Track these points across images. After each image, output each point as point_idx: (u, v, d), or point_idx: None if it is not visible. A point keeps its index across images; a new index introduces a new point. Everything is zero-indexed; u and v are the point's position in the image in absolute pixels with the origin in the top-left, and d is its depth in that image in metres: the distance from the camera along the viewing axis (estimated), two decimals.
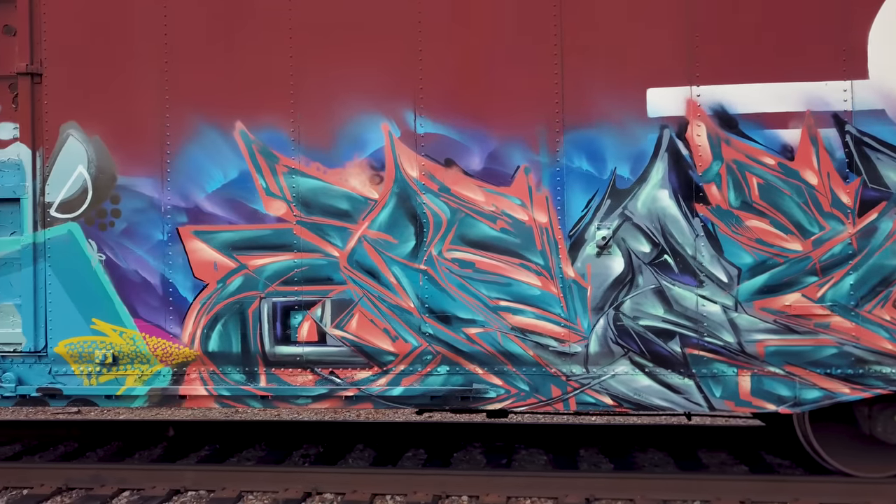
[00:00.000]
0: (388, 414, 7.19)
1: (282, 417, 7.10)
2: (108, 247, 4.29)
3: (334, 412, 7.28)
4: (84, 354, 4.30)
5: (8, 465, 4.89)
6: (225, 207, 4.21)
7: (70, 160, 4.31)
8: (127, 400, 4.33)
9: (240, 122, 4.20)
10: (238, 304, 4.20)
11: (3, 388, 4.36)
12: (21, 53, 4.35)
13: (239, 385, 4.23)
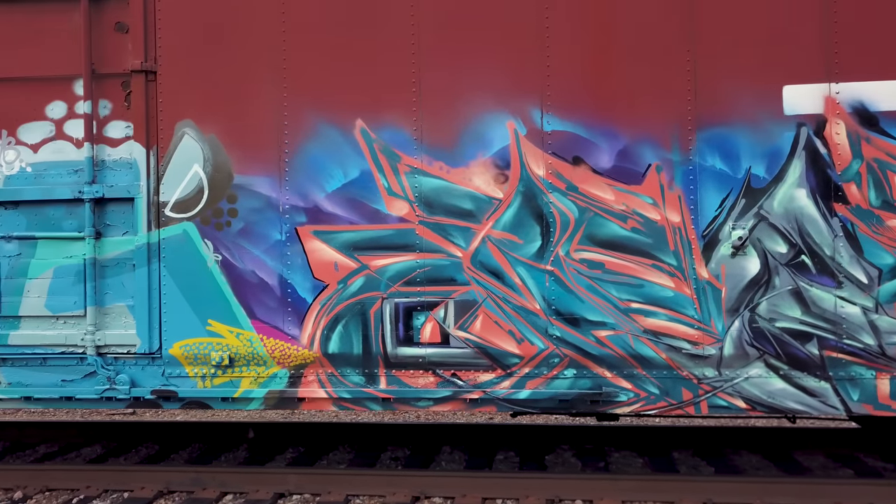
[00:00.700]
0: (462, 416, 7.12)
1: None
2: (225, 247, 4.22)
3: (393, 414, 7.23)
4: (199, 356, 4.24)
5: (107, 468, 4.83)
6: (345, 207, 4.14)
7: (185, 159, 4.25)
8: (243, 402, 4.26)
9: (360, 120, 4.13)
10: (359, 304, 4.13)
11: (117, 391, 4.30)
12: (135, 51, 4.29)
13: (359, 387, 4.16)
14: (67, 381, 4.37)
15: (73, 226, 4.36)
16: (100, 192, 4.28)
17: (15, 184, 4.39)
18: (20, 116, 4.41)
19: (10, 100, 4.41)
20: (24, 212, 4.39)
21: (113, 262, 4.33)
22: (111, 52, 4.36)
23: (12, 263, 4.39)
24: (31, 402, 4.39)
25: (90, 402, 4.35)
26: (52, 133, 4.39)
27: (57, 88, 4.39)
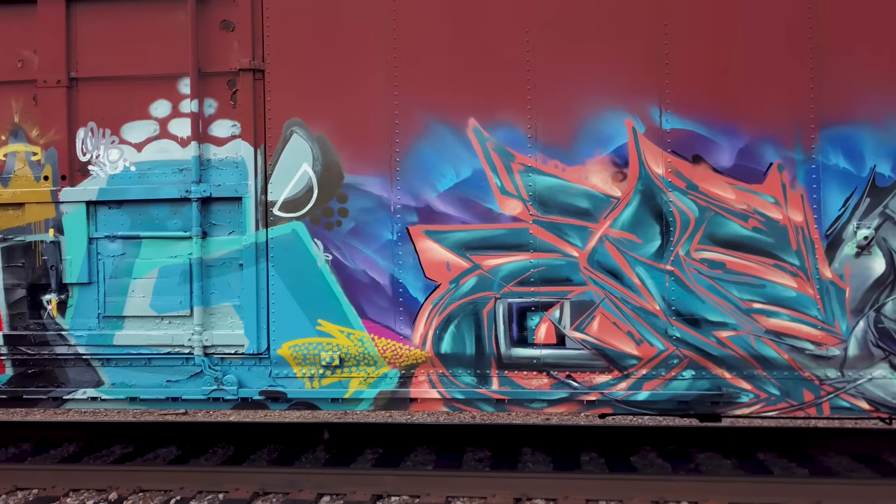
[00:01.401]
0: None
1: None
2: (335, 246, 4.19)
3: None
4: (309, 356, 4.20)
5: (200, 469, 4.81)
6: (458, 206, 4.10)
7: (294, 158, 4.21)
8: (352, 403, 4.22)
9: (473, 119, 4.09)
10: (472, 304, 4.09)
11: (225, 391, 4.26)
12: (242, 49, 4.26)
13: (472, 388, 4.12)
14: (172, 382, 4.34)
15: (177, 225, 4.33)
16: (207, 191, 4.25)
17: (119, 183, 4.37)
18: (124, 115, 4.38)
19: (113, 99, 4.38)
20: (127, 211, 4.37)
21: (218, 262, 4.30)
22: (216, 50, 4.32)
23: (116, 263, 4.36)
24: (135, 403, 4.36)
25: (196, 402, 4.32)
26: (156, 132, 4.37)
27: (161, 87, 4.36)
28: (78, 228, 4.36)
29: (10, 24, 4.45)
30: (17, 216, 4.44)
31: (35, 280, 4.41)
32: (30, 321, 4.43)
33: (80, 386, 4.40)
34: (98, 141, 4.40)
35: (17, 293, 4.44)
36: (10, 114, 4.47)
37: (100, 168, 4.39)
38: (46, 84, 4.39)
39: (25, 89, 4.45)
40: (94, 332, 4.36)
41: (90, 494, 4.62)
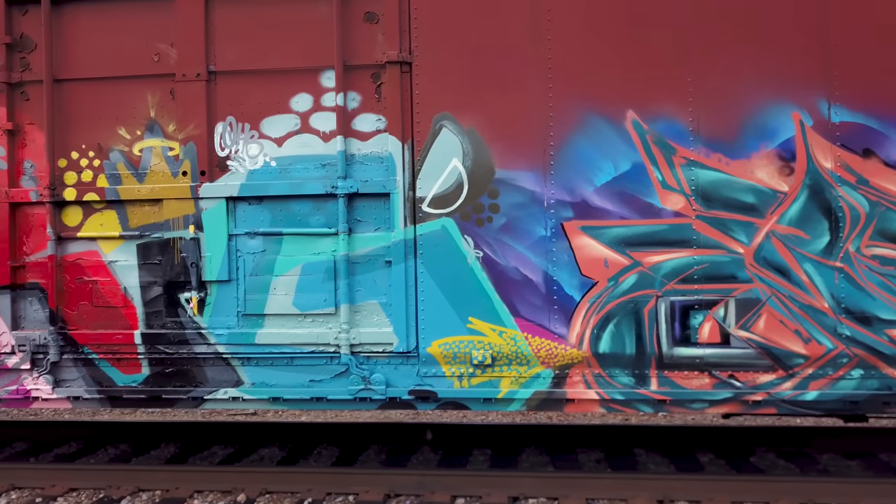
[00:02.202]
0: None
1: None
2: (486, 243, 4.09)
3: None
4: (459, 355, 4.11)
5: (328, 471, 4.73)
6: (616, 201, 4.00)
7: (443, 153, 4.12)
8: (504, 403, 4.13)
9: (631, 111, 3.99)
10: (632, 303, 3.98)
11: (373, 391, 4.17)
12: (389, 42, 4.16)
13: (630, 388, 4.01)
14: (316, 381, 4.25)
15: (320, 221, 4.24)
16: (354, 187, 4.16)
17: (259, 178, 4.28)
18: (264, 110, 4.30)
19: (252, 92, 4.30)
20: (268, 207, 4.28)
21: (364, 259, 4.20)
22: (360, 43, 4.23)
23: (257, 260, 4.27)
24: (278, 403, 4.27)
25: (342, 402, 4.23)
26: (297, 126, 4.27)
27: (302, 81, 4.27)
28: (218, 225, 4.28)
29: (146, 18, 4.37)
30: (153, 212, 4.37)
31: (173, 277, 4.33)
32: (166, 319, 4.34)
33: (218, 385, 4.32)
34: (237, 135, 4.31)
35: (153, 291, 4.36)
36: (146, 108, 4.39)
37: (239, 163, 4.31)
38: (185, 78, 4.30)
39: (162, 83, 4.37)
40: (234, 331, 4.27)
41: (216, 496, 4.56)
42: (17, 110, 4.48)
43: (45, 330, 4.41)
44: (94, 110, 4.42)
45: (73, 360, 4.42)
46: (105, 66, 4.41)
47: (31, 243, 4.47)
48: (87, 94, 4.43)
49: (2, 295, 4.43)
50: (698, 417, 6.72)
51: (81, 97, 4.43)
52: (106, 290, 4.39)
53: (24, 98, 4.48)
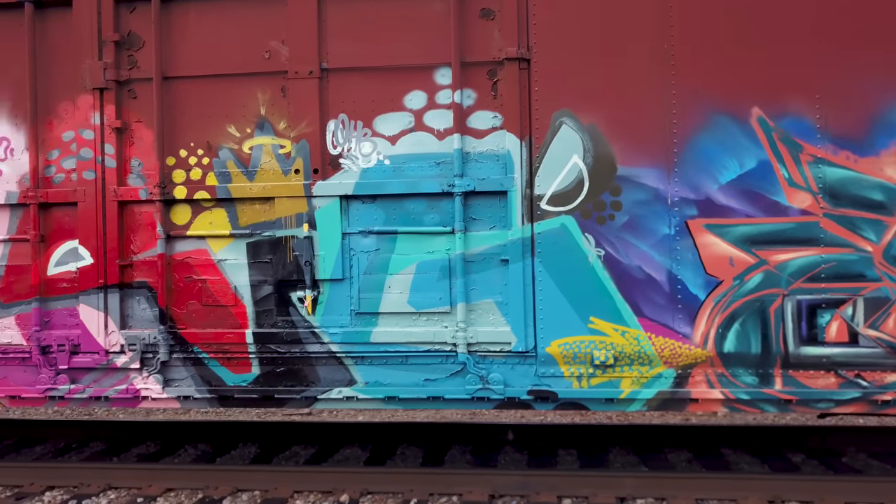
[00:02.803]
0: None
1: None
2: (608, 241, 4.05)
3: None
4: (580, 355, 4.07)
5: (428, 471, 4.70)
6: (741, 199, 3.95)
7: (563, 150, 4.08)
8: (625, 404, 4.09)
9: (757, 108, 3.94)
10: (758, 302, 3.94)
11: (491, 391, 4.14)
12: (505, 38, 4.12)
13: (755, 388, 3.97)
14: (431, 381, 4.21)
15: (434, 220, 4.21)
16: (471, 185, 4.12)
17: (373, 177, 4.25)
18: (376, 107, 4.26)
19: (365, 90, 4.26)
20: (381, 205, 4.25)
21: (479, 258, 4.17)
22: (475, 39, 4.19)
23: (371, 259, 4.24)
24: (393, 403, 4.24)
25: (459, 402, 4.19)
26: (410, 124, 4.24)
27: (416, 78, 4.23)
28: (331, 223, 4.25)
29: (257, 15, 4.34)
30: (264, 211, 4.34)
31: (285, 276, 4.30)
32: (277, 318, 4.32)
33: (331, 385, 4.29)
34: (349, 133, 4.28)
35: (263, 290, 4.33)
36: (256, 106, 4.36)
37: (352, 161, 4.27)
38: (298, 75, 4.27)
39: (273, 81, 4.34)
40: (347, 330, 4.24)
41: (317, 496, 4.54)
42: (125, 108, 4.45)
43: (155, 329, 4.38)
44: (203, 108, 4.40)
45: (181, 360, 4.39)
46: (214, 64, 4.38)
47: (138, 242, 4.45)
48: (195, 92, 4.40)
49: (111, 294, 4.40)
50: (776, 417, 6.68)
51: (190, 95, 4.40)
52: (216, 289, 4.36)
53: (131, 96, 4.45)
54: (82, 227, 4.43)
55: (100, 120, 4.42)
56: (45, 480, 4.84)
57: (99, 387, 4.45)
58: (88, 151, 4.44)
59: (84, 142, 4.44)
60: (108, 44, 4.41)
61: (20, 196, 4.47)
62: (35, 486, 4.81)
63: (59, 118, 4.51)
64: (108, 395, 4.44)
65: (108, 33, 4.41)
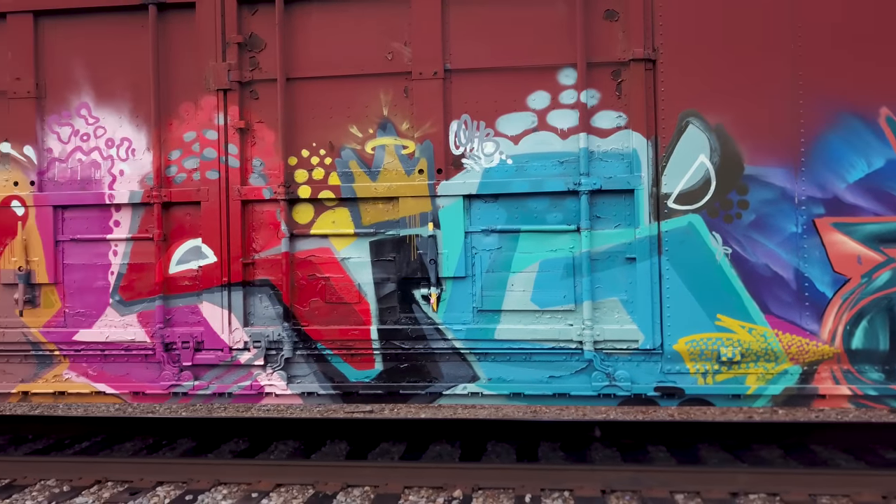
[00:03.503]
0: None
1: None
2: (735, 239, 4.10)
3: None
4: (706, 352, 4.12)
5: (546, 467, 4.75)
6: (869, 198, 4.00)
7: (690, 149, 4.13)
8: (751, 399, 4.14)
9: (885, 108, 3.99)
10: (886, 299, 3.99)
11: (618, 387, 4.19)
12: (632, 39, 4.18)
13: (882, 384, 4.02)
14: (555, 378, 4.28)
15: (557, 218, 4.27)
16: (597, 183, 4.18)
17: (495, 176, 4.31)
18: (499, 108, 4.32)
19: (488, 90, 4.33)
20: (503, 204, 4.31)
21: (603, 256, 4.23)
22: (600, 40, 4.25)
23: (493, 257, 4.30)
24: (518, 399, 4.31)
25: (585, 399, 4.25)
26: (533, 124, 4.30)
27: (539, 78, 4.29)
28: (455, 222, 4.31)
29: (379, 17, 4.40)
30: (387, 210, 4.40)
31: (408, 274, 4.36)
32: (400, 315, 4.38)
33: (454, 381, 4.35)
34: (472, 133, 4.34)
35: (386, 287, 4.40)
36: (378, 107, 4.42)
37: (474, 161, 4.33)
38: (422, 76, 4.33)
39: (395, 82, 4.40)
40: (471, 327, 4.30)
41: (429, 492, 4.59)
42: (246, 109, 4.52)
43: (278, 326, 4.45)
44: (325, 109, 4.46)
45: (304, 356, 4.46)
46: (336, 65, 4.45)
47: (259, 240, 4.52)
48: (317, 93, 4.47)
49: (234, 291, 4.48)
50: (869, 414, 6.72)
51: (311, 96, 4.47)
52: (339, 287, 4.43)
53: (252, 97, 4.52)
54: (206, 225, 4.50)
55: (223, 120, 4.49)
56: (154, 476, 4.92)
57: (221, 383, 4.53)
58: (212, 151, 4.51)
59: (207, 142, 4.52)
60: (232, 45, 4.48)
61: (143, 195, 4.54)
62: (145, 481, 4.90)
63: (179, 119, 4.58)
64: (232, 391, 4.51)
65: (231, 35, 4.48)
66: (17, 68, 4.65)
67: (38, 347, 4.65)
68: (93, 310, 4.63)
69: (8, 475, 5.06)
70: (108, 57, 4.63)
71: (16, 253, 4.63)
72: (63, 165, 4.67)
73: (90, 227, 4.63)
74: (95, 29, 4.63)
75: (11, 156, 4.68)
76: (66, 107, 4.67)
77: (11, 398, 4.71)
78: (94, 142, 4.65)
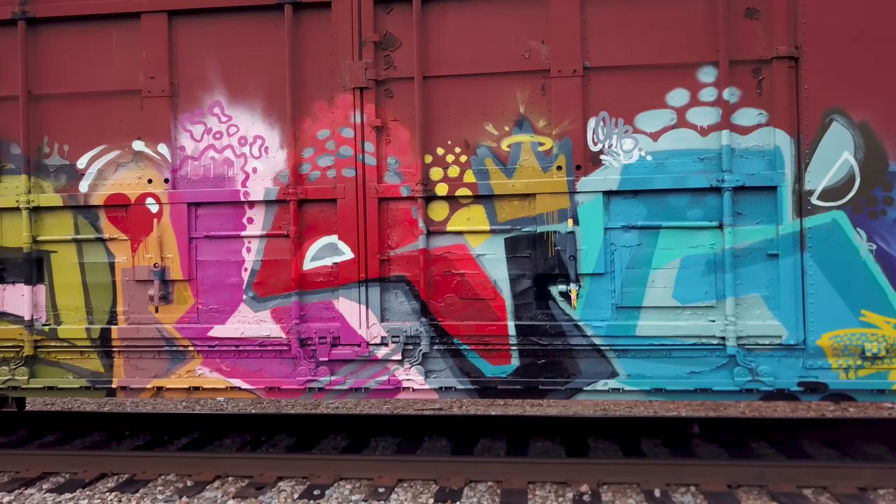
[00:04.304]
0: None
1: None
2: (879, 235, 4.12)
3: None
4: (850, 347, 4.15)
5: (664, 462, 4.79)
6: None
7: (834, 146, 4.16)
8: (893, 395, 4.17)
9: None
10: None
11: (761, 383, 4.22)
12: (775, 37, 4.20)
13: None
14: (696, 373, 4.31)
15: (697, 215, 4.30)
16: (740, 180, 4.21)
17: (634, 173, 4.34)
18: (637, 104, 4.36)
19: (626, 88, 4.36)
20: (643, 201, 4.34)
21: (744, 252, 4.25)
22: (740, 38, 4.28)
23: (633, 253, 4.34)
24: (659, 395, 4.34)
25: (727, 394, 4.29)
26: (672, 121, 4.33)
27: (678, 76, 4.33)
28: (594, 219, 4.35)
29: (516, 16, 4.44)
30: (523, 207, 4.44)
31: (545, 270, 4.40)
32: (536, 311, 4.42)
33: (592, 377, 4.39)
34: (610, 130, 4.38)
35: (522, 283, 4.44)
36: (514, 104, 4.46)
37: (612, 158, 4.37)
38: (561, 74, 4.37)
39: (532, 79, 4.44)
40: (611, 323, 4.34)
41: (555, 487, 4.63)
42: (381, 107, 4.57)
43: (414, 321, 4.50)
44: (460, 107, 4.50)
45: (441, 352, 4.50)
46: (471, 63, 4.49)
47: (394, 237, 4.56)
48: (452, 91, 4.51)
49: (372, 288, 4.52)
50: None
51: (446, 94, 4.51)
52: (475, 283, 4.47)
53: (387, 95, 4.57)
54: (342, 223, 4.55)
55: (360, 118, 4.54)
56: (276, 471, 4.97)
57: (358, 378, 4.57)
58: (348, 149, 4.56)
59: (343, 140, 4.56)
60: (368, 44, 4.53)
61: (279, 193, 4.59)
62: (266, 475, 4.95)
63: (313, 117, 4.63)
64: (369, 386, 4.55)
65: (367, 34, 4.52)
66: (152, 67, 4.71)
67: (171, 343, 4.70)
68: (226, 306, 4.68)
69: (126, 470, 5.13)
70: (241, 55, 4.68)
71: (150, 250, 4.68)
72: (196, 163, 4.73)
73: (223, 224, 4.68)
74: (228, 28, 4.68)
75: (145, 154, 4.73)
76: (198, 105, 4.72)
77: (144, 394, 4.77)
78: (227, 140, 4.70)
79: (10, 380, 4.84)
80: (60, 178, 4.82)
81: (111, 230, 4.76)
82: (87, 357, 4.80)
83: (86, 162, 4.79)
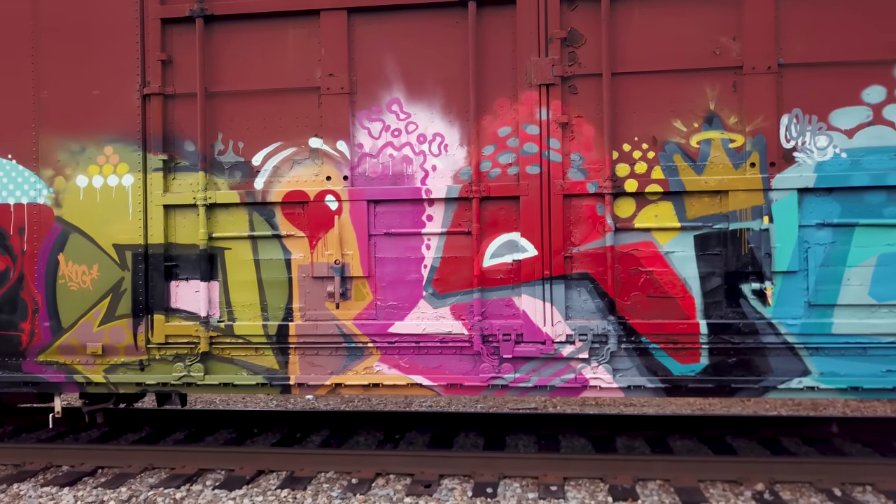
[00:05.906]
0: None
1: None
2: None
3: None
4: None
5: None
6: None
7: None
8: None
9: None
10: None
11: None
12: None
13: None
14: (892, 371, 4.27)
15: (894, 212, 4.26)
16: None
17: (829, 170, 4.31)
18: (832, 102, 4.33)
19: (820, 85, 4.33)
20: (837, 198, 4.31)
21: None
22: None
23: (827, 251, 4.31)
24: (855, 393, 4.31)
25: None
26: (868, 118, 4.30)
27: (874, 73, 4.29)
28: (788, 216, 4.32)
29: (706, 12, 4.43)
30: (714, 203, 4.41)
31: (737, 268, 4.37)
32: (727, 309, 4.39)
33: (783, 375, 4.36)
34: (803, 127, 4.35)
35: (712, 281, 4.41)
36: (704, 101, 4.44)
37: (806, 155, 4.34)
38: (754, 71, 4.35)
39: (722, 76, 4.42)
40: (806, 321, 4.31)
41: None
42: (566, 104, 4.55)
43: (600, 320, 4.48)
44: (646, 103, 4.49)
45: (627, 350, 4.49)
46: (658, 60, 4.47)
47: (578, 234, 4.55)
48: (638, 88, 4.49)
49: (556, 285, 4.51)
50: None
51: (633, 90, 4.50)
52: (664, 280, 4.45)
53: (571, 91, 4.56)
54: (525, 220, 4.54)
55: (546, 115, 4.53)
56: (438, 469, 4.97)
57: (541, 376, 4.56)
58: (532, 146, 4.55)
59: (527, 137, 4.55)
60: (554, 41, 4.52)
61: (462, 190, 4.58)
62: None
63: (493, 114, 4.62)
64: (554, 384, 4.54)
65: (554, 31, 4.51)
66: (331, 65, 4.72)
67: (350, 340, 4.70)
68: (405, 302, 4.68)
69: (285, 468, 5.14)
70: (420, 53, 4.68)
71: (330, 247, 4.69)
72: (374, 160, 4.73)
73: (403, 222, 4.68)
74: (407, 25, 4.68)
75: (322, 151, 4.74)
76: (376, 102, 4.72)
77: (321, 390, 4.78)
78: (406, 137, 4.70)
79: (185, 376, 4.85)
80: (235, 175, 4.84)
81: (287, 227, 4.77)
82: (262, 354, 4.81)
83: (261, 159, 4.80)
